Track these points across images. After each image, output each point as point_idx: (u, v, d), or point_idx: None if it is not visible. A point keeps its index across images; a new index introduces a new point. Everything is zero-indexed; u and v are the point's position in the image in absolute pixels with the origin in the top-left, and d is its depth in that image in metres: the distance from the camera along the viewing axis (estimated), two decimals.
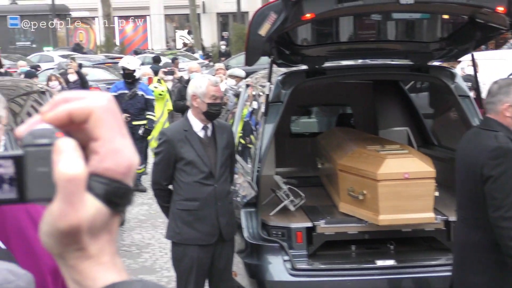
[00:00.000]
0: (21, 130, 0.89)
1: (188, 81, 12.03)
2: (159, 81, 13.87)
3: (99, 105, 0.90)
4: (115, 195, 0.89)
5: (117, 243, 0.93)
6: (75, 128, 0.90)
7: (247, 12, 45.73)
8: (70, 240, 0.88)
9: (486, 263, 4.49)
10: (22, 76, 15.38)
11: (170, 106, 13.38)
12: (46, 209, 0.88)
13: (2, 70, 10.40)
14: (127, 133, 0.92)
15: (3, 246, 2.88)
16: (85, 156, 0.89)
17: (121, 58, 21.25)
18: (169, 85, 14.49)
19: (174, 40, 50.54)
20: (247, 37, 5.78)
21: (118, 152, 0.90)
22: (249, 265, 5.83)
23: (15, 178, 0.89)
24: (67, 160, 0.86)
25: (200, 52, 39.09)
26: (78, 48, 39.09)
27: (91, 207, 0.88)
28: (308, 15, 5.61)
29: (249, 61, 5.97)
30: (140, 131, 12.03)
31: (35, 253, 3.38)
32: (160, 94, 13.30)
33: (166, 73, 14.26)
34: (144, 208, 11.30)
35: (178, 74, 14.06)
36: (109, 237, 0.91)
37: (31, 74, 16.72)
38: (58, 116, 0.89)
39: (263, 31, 5.57)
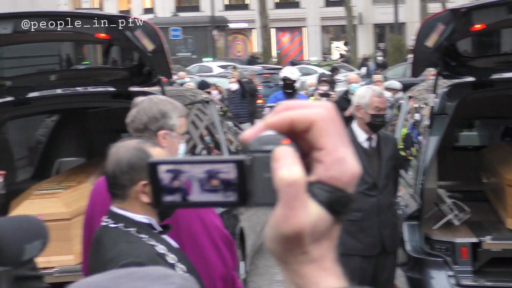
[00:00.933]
0: (248, 134, 0.93)
1: (346, 92, 12.01)
2: None
3: (321, 114, 0.92)
4: (338, 203, 0.92)
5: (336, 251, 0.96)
6: (297, 135, 0.93)
7: (404, 23, 45.22)
8: (294, 244, 0.91)
9: None
10: (193, 85, 15.73)
11: None
12: (271, 215, 0.92)
13: (174, 79, 10.76)
14: (349, 142, 0.94)
15: (176, 245, 2.99)
16: (307, 164, 0.92)
17: (278, 69, 21.49)
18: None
19: (349, 51, 48.93)
20: (415, 48, 5.72)
21: (342, 162, 0.92)
22: (412, 279, 5.75)
23: (235, 182, 0.92)
24: (286, 166, 0.89)
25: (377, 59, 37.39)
26: (252, 60, 39.85)
27: (314, 213, 0.90)
28: (478, 26, 5.48)
29: (416, 72, 5.91)
30: None
31: (206, 259, 3.49)
32: None
33: (321, 95, 14.24)
34: None
35: (335, 96, 13.96)
36: (330, 244, 0.93)
37: (205, 84, 17.12)
38: (280, 122, 0.92)
39: (431, 42, 5.50)
